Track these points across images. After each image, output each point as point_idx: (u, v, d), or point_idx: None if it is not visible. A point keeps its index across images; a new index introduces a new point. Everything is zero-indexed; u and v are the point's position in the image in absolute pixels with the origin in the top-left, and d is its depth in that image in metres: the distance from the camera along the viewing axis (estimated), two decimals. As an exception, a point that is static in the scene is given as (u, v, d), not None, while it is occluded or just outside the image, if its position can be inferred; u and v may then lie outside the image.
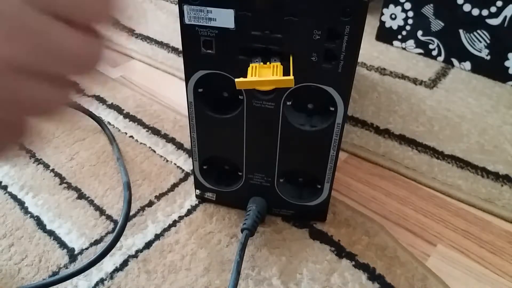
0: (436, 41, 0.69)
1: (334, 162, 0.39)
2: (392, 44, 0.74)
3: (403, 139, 0.55)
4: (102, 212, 0.45)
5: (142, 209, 0.46)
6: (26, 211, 0.45)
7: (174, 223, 0.44)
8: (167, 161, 0.52)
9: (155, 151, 0.53)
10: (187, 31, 0.34)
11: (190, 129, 0.40)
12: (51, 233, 0.43)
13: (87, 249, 0.42)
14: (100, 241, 0.43)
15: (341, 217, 0.45)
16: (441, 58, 0.70)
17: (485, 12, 0.62)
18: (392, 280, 0.39)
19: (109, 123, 0.58)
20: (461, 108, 0.60)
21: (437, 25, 0.68)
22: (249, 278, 0.39)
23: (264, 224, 0.44)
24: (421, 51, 0.71)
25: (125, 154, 0.53)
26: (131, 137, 0.56)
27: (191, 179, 0.49)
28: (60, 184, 0.49)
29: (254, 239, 0.43)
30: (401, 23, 0.71)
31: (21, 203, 0.46)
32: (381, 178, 0.50)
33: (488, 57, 0.65)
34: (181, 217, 0.45)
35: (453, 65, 0.69)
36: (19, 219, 0.45)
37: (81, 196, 0.47)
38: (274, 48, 0.33)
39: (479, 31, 0.64)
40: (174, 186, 0.48)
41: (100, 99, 0.63)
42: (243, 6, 0.32)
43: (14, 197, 0.47)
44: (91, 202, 0.46)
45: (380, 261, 0.41)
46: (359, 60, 0.70)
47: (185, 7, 0.33)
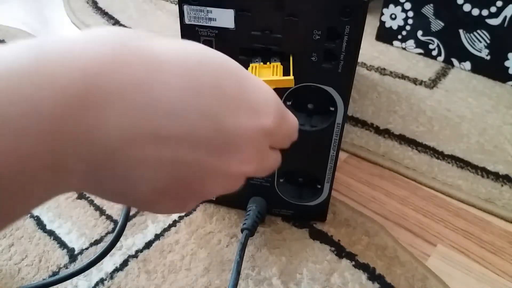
0: (436, 41, 0.69)
1: (334, 162, 0.39)
2: (392, 44, 0.74)
3: (403, 139, 0.55)
4: (102, 212, 0.45)
5: (142, 209, 0.46)
6: (26, 211, 0.45)
7: (174, 223, 0.44)
8: (167, 161, 0.52)
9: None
10: (187, 31, 0.34)
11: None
12: (51, 233, 0.43)
13: (87, 249, 0.42)
14: (100, 241, 0.43)
15: (341, 217, 0.45)
16: (441, 58, 0.70)
17: (485, 12, 0.62)
18: (392, 280, 0.39)
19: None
20: (461, 108, 0.60)
21: (437, 25, 0.68)
22: (249, 278, 0.39)
23: (264, 224, 0.44)
24: (421, 51, 0.71)
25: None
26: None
27: (191, 179, 0.49)
28: (60, 184, 0.49)
29: (254, 239, 0.43)
30: (401, 23, 0.71)
31: (21, 203, 0.46)
32: (381, 178, 0.50)
33: (488, 57, 0.65)
34: (181, 217, 0.45)
35: (453, 65, 0.69)
36: (19, 219, 0.45)
37: (81, 196, 0.47)
38: (274, 48, 0.33)
39: (479, 31, 0.64)
40: (174, 186, 0.48)
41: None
42: (243, 6, 0.32)
43: (14, 197, 0.47)
44: (91, 202, 0.46)
45: (380, 261, 0.41)
46: (359, 60, 0.70)
47: (185, 7, 0.33)
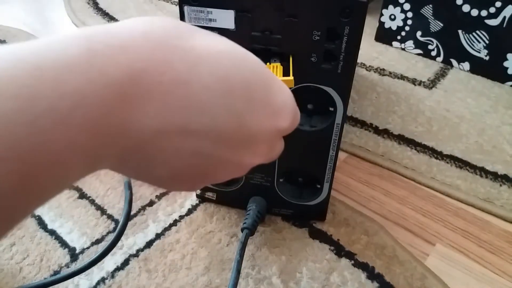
0: (435, 41, 0.69)
1: (334, 162, 0.39)
2: (391, 45, 0.74)
3: (402, 139, 0.55)
4: (103, 211, 0.46)
5: (143, 208, 0.46)
6: (27, 210, 0.46)
7: (174, 223, 0.44)
8: (167, 161, 0.52)
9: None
10: (187, 31, 0.34)
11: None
12: (52, 233, 0.43)
13: (88, 248, 0.42)
14: (101, 240, 0.43)
15: (340, 217, 0.45)
16: (440, 59, 0.70)
17: (484, 13, 0.63)
18: (391, 279, 0.40)
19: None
20: (460, 109, 0.60)
21: (436, 25, 0.68)
22: (249, 277, 0.40)
23: (264, 224, 0.44)
24: (420, 51, 0.72)
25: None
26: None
27: (191, 179, 0.49)
28: (61, 184, 0.49)
29: (254, 238, 0.43)
30: (400, 23, 0.71)
31: (22, 203, 0.46)
32: (380, 178, 0.51)
33: (487, 58, 0.65)
34: (181, 217, 0.45)
35: (452, 66, 0.69)
36: (20, 218, 0.45)
37: (82, 195, 0.47)
38: (274, 49, 0.33)
39: (478, 31, 0.64)
40: (175, 186, 0.49)
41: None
42: (243, 7, 0.32)
43: (15, 196, 0.47)
44: (92, 202, 0.47)
45: (379, 260, 0.41)
46: (359, 60, 0.71)
47: (185, 8, 0.33)
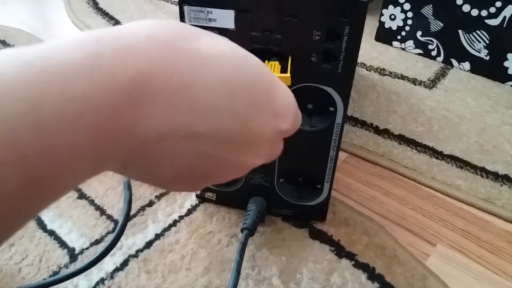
0: (435, 41, 0.69)
1: (334, 162, 0.39)
2: (391, 45, 0.74)
3: (402, 139, 0.55)
4: (102, 211, 0.46)
5: (143, 208, 0.46)
6: (26, 211, 0.46)
7: (174, 223, 0.44)
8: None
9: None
10: (187, 31, 0.34)
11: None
12: (51, 233, 0.43)
13: (87, 248, 0.42)
14: (101, 240, 0.43)
15: (340, 217, 0.45)
16: (440, 59, 0.70)
17: (484, 13, 0.63)
18: (392, 279, 0.40)
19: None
20: (460, 108, 0.60)
21: (436, 25, 0.68)
22: (249, 278, 0.39)
23: (264, 224, 0.44)
24: (420, 51, 0.71)
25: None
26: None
27: (191, 179, 0.49)
28: (61, 184, 0.49)
29: (254, 238, 0.43)
30: (401, 23, 0.71)
31: (21, 203, 0.46)
32: (380, 178, 0.51)
33: (487, 58, 0.65)
34: (181, 217, 0.45)
35: (452, 66, 0.69)
36: (19, 219, 0.45)
37: (81, 196, 0.47)
38: (274, 49, 0.33)
39: (478, 31, 0.64)
40: (174, 186, 0.49)
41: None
42: (243, 7, 0.32)
43: (14, 197, 0.47)
44: (91, 202, 0.47)
45: (380, 260, 0.41)
46: (359, 60, 0.70)
47: (185, 7, 0.33)
